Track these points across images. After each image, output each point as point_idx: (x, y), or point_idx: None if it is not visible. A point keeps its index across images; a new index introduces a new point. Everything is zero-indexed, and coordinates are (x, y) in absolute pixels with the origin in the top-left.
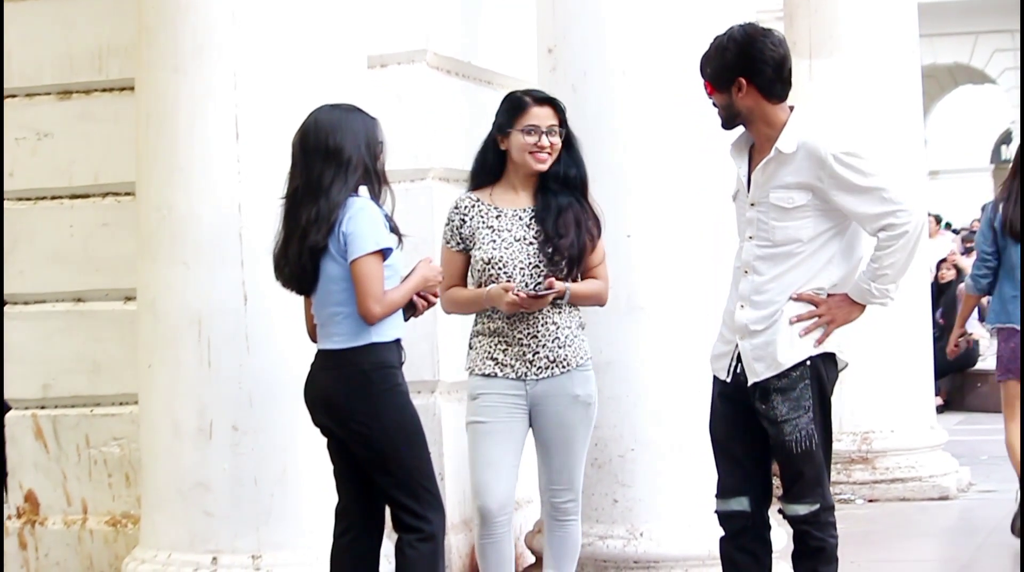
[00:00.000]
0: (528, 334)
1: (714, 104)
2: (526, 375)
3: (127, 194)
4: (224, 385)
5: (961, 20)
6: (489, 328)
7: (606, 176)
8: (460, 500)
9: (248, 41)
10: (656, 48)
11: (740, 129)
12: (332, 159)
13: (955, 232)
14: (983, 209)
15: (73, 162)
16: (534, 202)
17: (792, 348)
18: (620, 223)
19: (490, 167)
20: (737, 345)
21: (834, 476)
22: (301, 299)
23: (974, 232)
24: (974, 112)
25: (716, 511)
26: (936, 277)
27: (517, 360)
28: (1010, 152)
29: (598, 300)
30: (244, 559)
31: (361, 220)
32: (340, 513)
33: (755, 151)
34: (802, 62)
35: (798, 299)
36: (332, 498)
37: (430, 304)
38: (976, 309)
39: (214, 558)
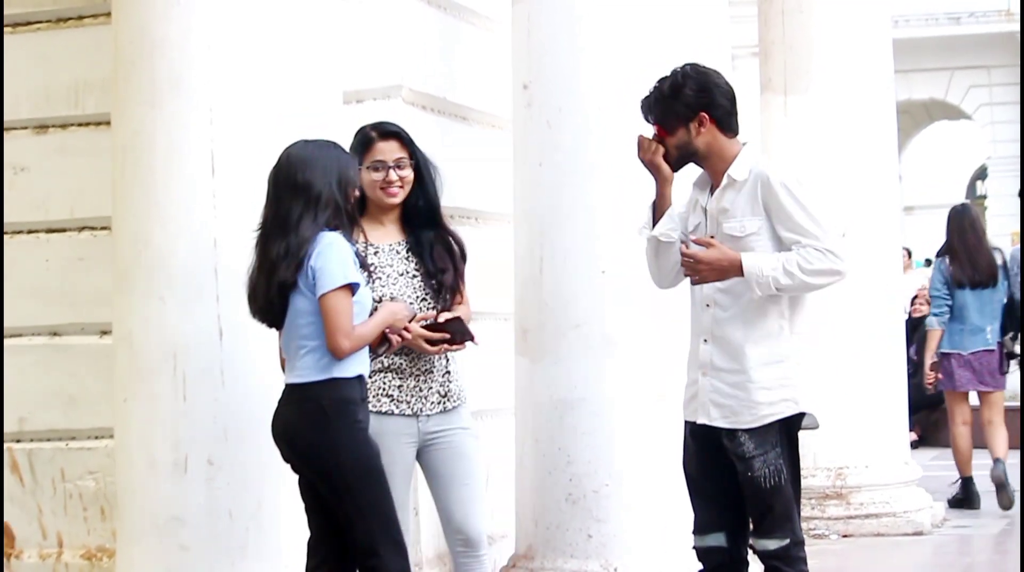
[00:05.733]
0: (424, 369)
1: (664, 146)
2: (421, 411)
3: (103, 228)
4: (199, 419)
5: (937, 56)
6: (384, 363)
7: (580, 212)
8: (434, 533)
9: (224, 76)
10: (632, 84)
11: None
12: (301, 194)
13: (928, 262)
14: (937, 255)
15: (49, 196)
16: (403, 234)
17: (758, 409)
18: (594, 259)
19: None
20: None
21: (808, 511)
22: (276, 333)
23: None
24: (949, 148)
25: (694, 547)
26: (910, 312)
27: (412, 396)
28: (985, 188)
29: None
30: None
31: (329, 255)
32: (312, 547)
33: (714, 187)
34: (777, 98)
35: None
36: (307, 532)
37: (403, 338)
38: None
39: None
